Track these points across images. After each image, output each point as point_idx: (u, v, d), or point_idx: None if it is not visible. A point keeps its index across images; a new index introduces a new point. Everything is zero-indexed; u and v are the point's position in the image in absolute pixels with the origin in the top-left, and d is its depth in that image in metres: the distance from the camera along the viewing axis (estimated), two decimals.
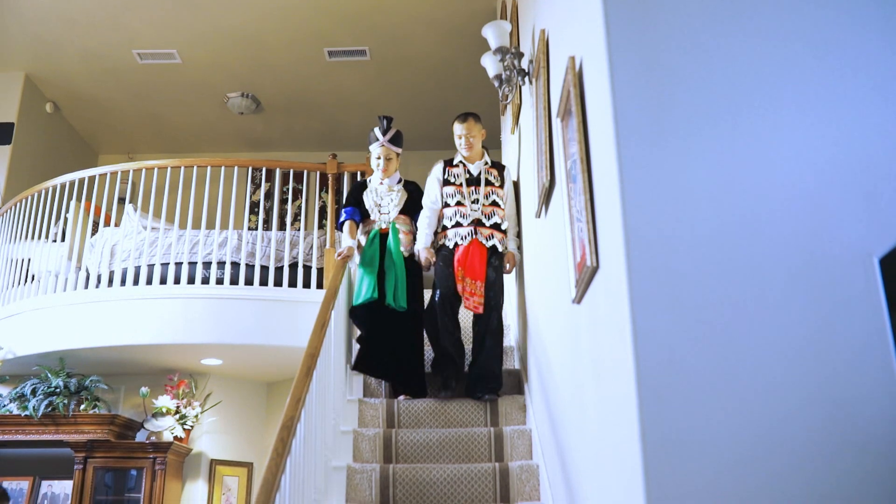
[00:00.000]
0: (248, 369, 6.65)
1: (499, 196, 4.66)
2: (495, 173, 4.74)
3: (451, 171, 4.77)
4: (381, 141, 4.96)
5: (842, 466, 1.73)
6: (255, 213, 8.76)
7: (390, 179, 5.00)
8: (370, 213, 4.89)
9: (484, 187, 4.66)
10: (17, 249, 6.59)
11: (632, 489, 1.83)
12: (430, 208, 4.74)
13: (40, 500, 6.27)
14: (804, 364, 1.80)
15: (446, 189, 4.71)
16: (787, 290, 1.85)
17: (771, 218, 1.90)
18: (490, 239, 4.56)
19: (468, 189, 4.66)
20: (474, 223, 4.57)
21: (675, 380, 1.78)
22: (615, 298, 1.99)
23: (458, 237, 4.58)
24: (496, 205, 4.64)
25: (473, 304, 4.44)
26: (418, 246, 4.69)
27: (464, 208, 4.61)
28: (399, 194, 4.94)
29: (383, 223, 4.84)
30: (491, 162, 4.82)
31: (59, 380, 6.10)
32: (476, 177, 4.70)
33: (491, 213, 4.60)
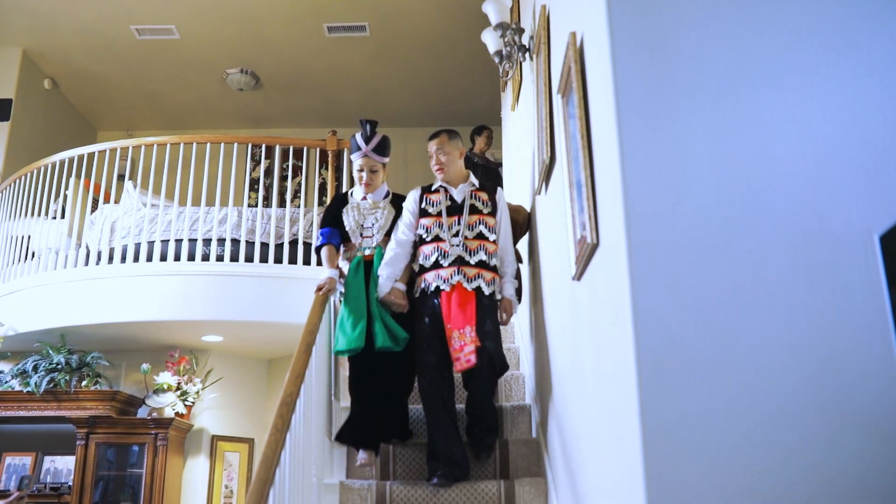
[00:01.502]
0: (248, 346, 6.67)
1: (487, 226, 3.78)
2: (484, 198, 3.86)
3: (430, 199, 3.91)
4: (363, 150, 4.05)
5: (841, 444, 1.74)
6: (254, 190, 8.75)
7: (375, 194, 4.11)
8: (351, 236, 4.05)
9: (468, 216, 3.79)
10: (17, 226, 6.59)
11: (631, 466, 1.84)
12: (398, 241, 3.87)
13: (43, 475, 6.31)
14: (803, 341, 1.80)
15: (423, 221, 3.85)
16: (787, 268, 1.85)
17: (771, 195, 1.90)
18: (474, 280, 3.69)
19: (448, 220, 3.80)
20: (458, 262, 3.71)
21: (674, 357, 1.79)
22: (615, 276, 1.99)
23: (440, 280, 3.72)
24: (483, 237, 3.76)
25: (465, 358, 3.55)
26: (378, 293, 3.80)
27: (444, 244, 3.75)
28: (385, 212, 4.05)
29: (367, 248, 4.00)
30: (479, 184, 3.95)
31: (61, 356, 6.13)
32: (460, 204, 3.83)
33: (476, 249, 3.73)
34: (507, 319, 3.83)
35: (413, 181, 9.54)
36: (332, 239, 4.05)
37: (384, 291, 3.79)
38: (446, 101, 8.93)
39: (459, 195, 3.87)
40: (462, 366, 3.54)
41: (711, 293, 1.83)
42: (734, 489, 1.71)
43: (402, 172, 9.39)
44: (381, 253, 3.93)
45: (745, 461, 1.73)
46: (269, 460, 2.71)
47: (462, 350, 3.55)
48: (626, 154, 1.94)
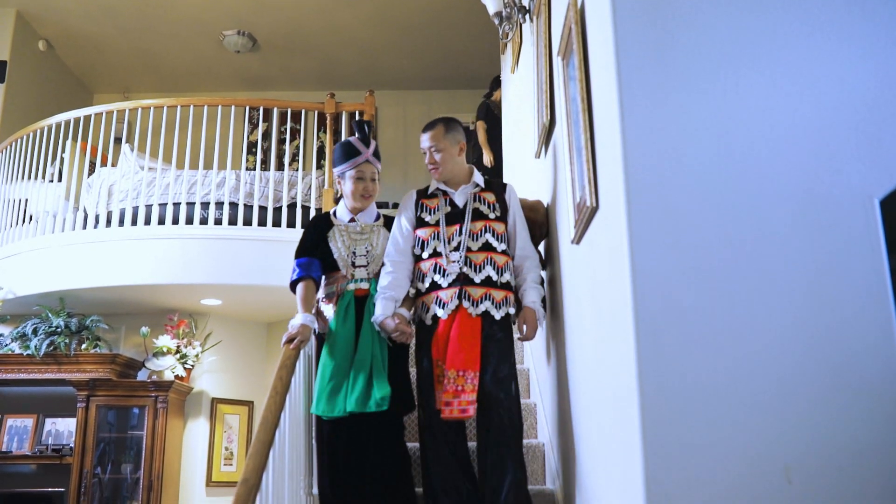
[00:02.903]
0: (247, 309, 6.69)
1: (495, 234, 3.11)
2: (490, 199, 3.20)
3: (427, 206, 3.25)
4: (365, 154, 3.34)
5: (839, 407, 1.75)
6: (252, 154, 8.70)
7: (366, 216, 3.39)
8: (340, 266, 3.27)
9: (471, 223, 3.13)
10: (14, 189, 6.57)
11: (629, 428, 1.85)
12: (393, 261, 3.19)
13: (44, 437, 6.36)
14: (802, 305, 1.80)
15: (419, 233, 3.20)
16: (787, 232, 1.84)
17: (772, 158, 1.89)
18: (481, 303, 3.01)
19: (448, 230, 3.14)
20: (460, 281, 3.04)
21: (673, 320, 1.79)
22: (614, 239, 1.98)
23: (438, 306, 3.05)
24: (490, 248, 3.08)
25: (458, 408, 2.85)
26: (374, 317, 3.10)
27: (442, 259, 3.09)
28: (380, 238, 3.33)
29: (361, 280, 3.25)
30: (485, 183, 3.27)
31: (60, 319, 6.14)
32: (462, 209, 3.18)
33: (483, 263, 3.05)
34: (531, 334, 3.06)
35: (412, 147, 9.52)
36: (311, 271, 3.27)
37: (383, 314, 3.07)
38: (445, 63, 8.84)
39: (461, 199, 3.21)
40: (452, 414, 2.84)
41: (711, 257, 1.83)
42: (732, 452, 1.72)
43: (402, 137, 9.34)
44: (374, 285, 3.22)
45: (741, 422, 1.74)
46: (269, 422, 2.73)
47: (458, 395, 2.85)
48: (627, 116, 1.92)
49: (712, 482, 1.70)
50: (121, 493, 6.13)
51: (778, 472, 1.71)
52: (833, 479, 1.71)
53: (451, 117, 3.35)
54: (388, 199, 8.76)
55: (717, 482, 1.70)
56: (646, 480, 1.71)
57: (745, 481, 1.70)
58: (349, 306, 3.19)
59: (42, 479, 6.31)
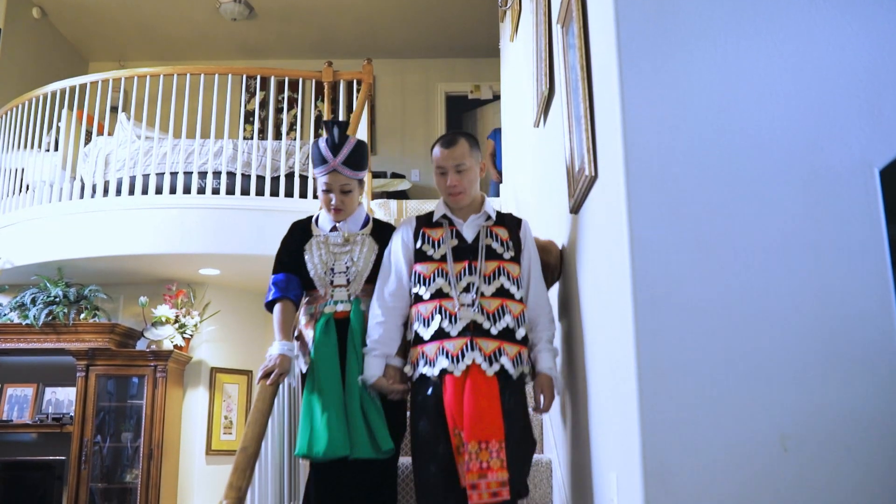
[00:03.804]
0: (245, 279, 6.69)
1: (510, 277, 2.64)
2: (503, 236, 2.71)
3: (429, 236, 2.75)
4: (331, 163, 2.85)
5: (837, 379, 1.75)
6: (250, 123, 8.66)
7: (350, 223, 2.94)
8: (317, 284, 2.87)
9: (484, 262, 2.65)
10: (11, 159, 6.54)
11: (626, 396, 1.86)
12: (385, 301, 2.72)
13: (45, 406, 6.40)
14: (800, 274, 1.80)
15: (420, 268, 2.70)
16: (786, 201, 1.84)
17: (772, 128, 1.88)
18: (497, 359, 2.54)
19: (456, 267, 2.66)
20: (470, 331, 2.55)
21: (671, 290, 1.79)
22: (613, 208, 1.98)
23: (445, 359, 2.54)
24: (505, 294, 2.62)
25: (487, 492, 2.38)
26: (364, 378, 2.67)
27: (450, 303, 2.60)
28: (365, 249, 2.89)
29: (339, 302, 2.83)
30: (497, 216, 2.78)
31: (59, 289, 6.15)
32: (471, 244, 2.70)
33: (498, 311, 2.59)
34: (549, 405, 2.64)
35: (410, 116, 9.49)
36: (288, 291, 2.88)
37: (374, 374, 2.66)
38: (444, 31, 8.77)
39: (470, 232, 2.72)
40: (482, 499, 2.36)
41: (710, 226, 1.83)
42: (729, 421, 1.73)
43: (400, 106, 9.29)
44: (359, 309, 2.79)
45: (739, 393, 1.74)
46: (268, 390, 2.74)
47: (485, 474, 2.38)
48: (626, 85, 1.91)
49: (709, 451, 1.71)
50: (121, 462, 6.18)
51: (774, 440, 1.72)
52: (829, 448, 1.72)
53: (468, 133, 2.88)
54: (385, 168, 8.74)
55: (714, 450, 1.71)
56: (643, 449, 1.72)
57: (741, 450, 1.71)
58: (328, 326, 2.78)
59: (42, 448, 6.37)
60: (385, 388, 2.67)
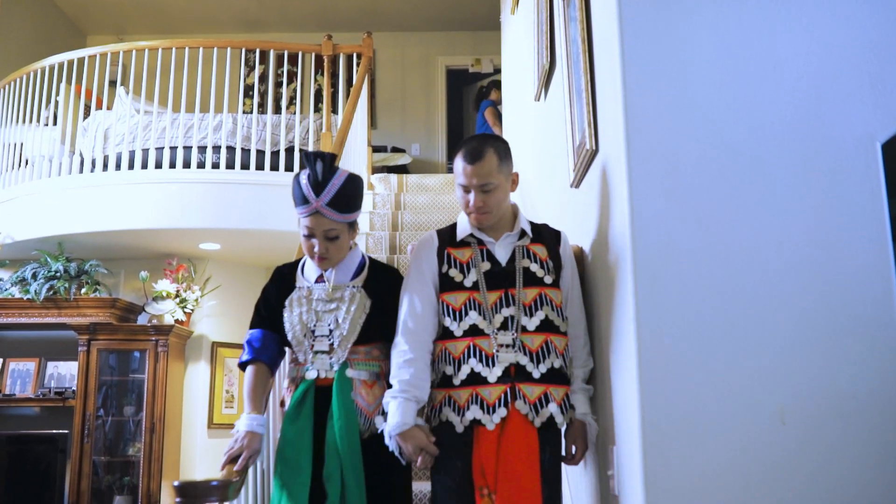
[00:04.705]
0: (246, 254, 6.69)
1: (553, 306, 2.26)
2: (542, 255, 2.31)
3: (455, 257, 2.32)
4: (313, 203, 2.35)
5: (834, 349, 1.76)
6: (249, 97, 8.62)
7: (338, 272, 2.45)
8: (295, 347, 2.43)
9: (523, 289, 2.25)
10: (9, 133, 6.51)
11: (625, 368, 1.87)
12: (413, 334, 2.28)
13: (47, 380, 6.42)
14: (801, 248, 1.80)
15: (448, 298, 2.28)
16: (788, 174, 1.83)
17: (774, 100, 1.87)
18: (544, 405, 2.18)
19: (491, 297, 2.25)
20: (511, 376, 2.17)
21: (671, 263, 1.79)
22: (614, 182, 1.97)
23: (478, 409, 2.17)
24: (551, 328, 2.23)
25: None
26: (391, 426, 2.20)
27: (486, 342, 2.20)
28: (354, 305, 2.39)
29: (320, 370, 2.37)
30: (532, 230, 2.36)
31: (59, 264, 6.15)
32: (506, 267, 2.29)
33: (544, 349, 2.21)
34: (580, 457, 2.25)
35: (410, 90, 9.43)
36: (262, 352, 2.46)
37: (406, 423, 2.19)
38: (445, 4, 8.71)
39: (504, 252, 2.30)
40: None
41: (710, 200, 1.82)
42: (727, 392, 1.74)
43: (400, 80, 9.24)
44: (344, 377, 2.33)
45: (738, 365, 1.75)
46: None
47: None
48: (628, 58, 1.90)
49: (708, 423, 1.72)
50: (124, 435, 6.22)
51: (772, 412, 1.73)
52: (826, 420, 1.72)
53: (498, 137, 2.40)
54: (385, 143, 8.71)
55: (713, 423, 1.72)
56: (642, 422, 1.73)
57: (740, 423, 1.72)
58: (308, 395, 2.34)
59: (45, 422, 6.40)
60: (422, 440, 2.19)
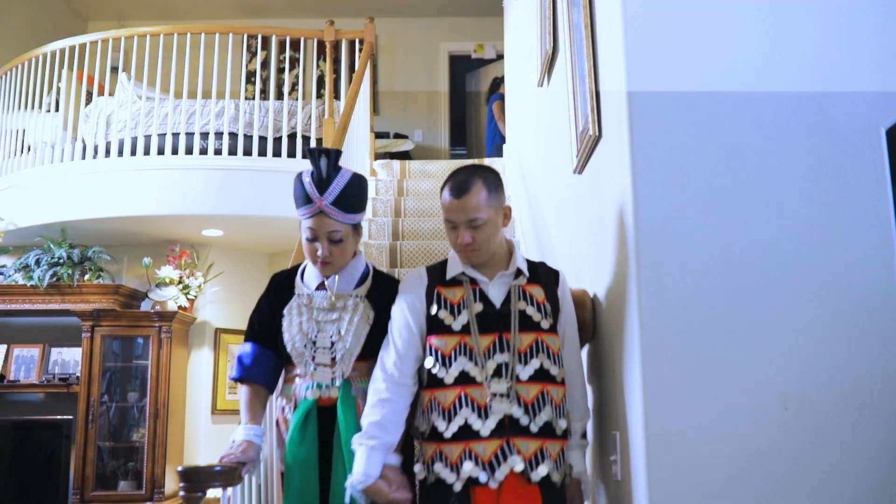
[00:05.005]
0: (249, 240, 6.69)
1: (550, 354, 2.10)
2: (539, 297, 2.16)
3: (445, 297, 2.15)
4: (317, 202, 2.22)
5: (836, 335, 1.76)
6: (251, 83, 8.59)
7: (341, 280, 2.30)
8: (295, 360, 2.28)
9: (519, 334, 2.09)
10: (11, 120, 6.51)
11: (629, 356, 1.87)
12: (391, 378, 2.12)
13: (51, 366, 6.44)
14: (805, 234, 1.80)
15: (436, 342, 2.12)
16: (791, 161, 1.83)
17: (777, 86, 1.86)
18: (540, 461, 2.03)
19: (483, 341, 2.09)
20: (507, 429, 2.03)
21: (674, 249, 1.79)
22: (617, 168, 1.97)
23: (473, 465, 2.01)
24: (547, 378, 2.08)
25: None
26: (353, 478, 2.04)
27: (478, 392, 2.05)
28: (357, 316, 2.25)
29: (323, 384, 2.23)
30: (529, 269, 2.21)
31: (62, 251, 6.16)
32: (500, 309, 2.13)
33: (540, 401, 2.06)
34: None
35: (413, 77, 9.38)
36: (254, 370, 2.33)
37: (370, 475, 2.04)
38: None
39: (498, 292, 2.15)
40: None
41: (713, 186, 1.82)
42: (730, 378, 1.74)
43: (402, 66, 9.20)
44: (349, 395, 2.20)
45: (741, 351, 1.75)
46: None
47: None
48: (631, 43, 1.89)
49: (710, 409, 1.72)
50: (128, 421, 6.24)
51: (774, 398, 1.73)
52: (828, 406, 1.73)
53: (488, 167, 2.22)
54: (388, 129, 8.69)
55: (715, 409, 1.72)
56: (645, 408, 1.73)
57: (742, 408, 1.72)
58: (307, 421, 2.19)
59: (50, 408, 6.42)
60: (384, 495, 2.05)
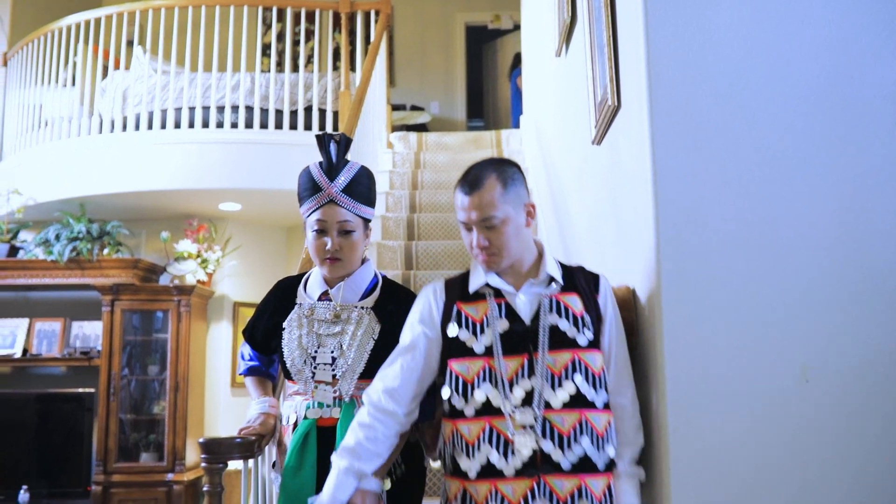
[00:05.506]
0: (266, 214, 6.71)
1: (589, 375, 1.82)
2: (577, 308, 1.88)
3: (466, 314, 1.89)
4: (325, 190, 2.15)
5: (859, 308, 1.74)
6: (267, 56, 8.57)
7: (347, 287, 2.18)
8: (294, 375, 2.16)
9: (550, 353, 1.81)
10: (29, 95, 6.53)
11: (649, 329, 1.86)
12: (378, 406, 1.88)
13: (72, 340, 6.51)
14: (825, 204, 1.77)
15: (456, 366, 1.85)
16: (813, 129, 1.80)
17: (799, 55, 1.83)
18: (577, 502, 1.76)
19: (510, 365, 1.82)
20: (536, 466, 1.75)
21: (694, 220, 1.77)
22: (636, 138, 1.94)
23: None
24: (585, 403, 1.80)
25: None
26: (328, 498, 1.83)
27: (502, 424, 1.78)
28: (361, 329, 2.12)
29: (324, 403, 2.11)
30: (563, 274, 1.94)
31: (81, 225, 6.20)
32: (529, 326, 1.85)
33: (575, 432, 1.78)
34: None
35: (430, 50, 9.32)
36: (256, 365, 2.36)
37: (337, 499, 1.83)
38: None
39: (527, 306, 1.87)
40: None
41: (734, 156, 1.79)
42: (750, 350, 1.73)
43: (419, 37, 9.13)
44: (349, 415, 2.04)
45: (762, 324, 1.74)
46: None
47: None
48: (651, 12, 1.86)
49: (731, 380, 1.71)
50: (148, 394, 6.31)
51: (795, 370, 1.72)
52: (850, 377, 1.71)
53: (506, 160, 1.95)
54: (404, 101, 8.65)
55: (736, 380, 1.71)
56: (665, 377, 1.72)
57: (763, 379, 1.71)
58: (306, 442, 2.06)
59: (72, 381, 6.51)
60: None
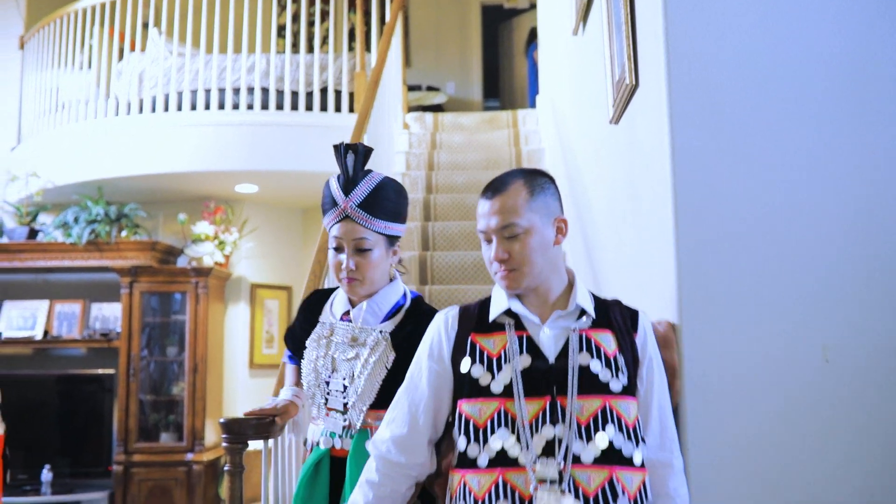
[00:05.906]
0: (283, 196, 6.72)
1: (621, 425, 1.56)
2: (609, 348, 1.63)
3: (482, 347, 1.64)
4: (341, 205, 1.99)
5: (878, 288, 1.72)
6: (282, 37, 8.55)
7: (369, 308, 2.03)
8: (308, 400, 2.09)
9: (579, 398, 1.56)
10: (46, 78, 6.55)
11: (667, 311, 1.85)
12: (387, 459, 1.68)
13: (92, 321, 6.57)
14: (845, 184, 1.75)
15: (467, 408, 1.61)
16: (833, 108, 1.78)
17: (819, 33, 1.80)
18: None
19: (531, 408, 1.56)
20: None
21: (712, 199, 1.76)
22: (654, 117, 1.93)
23: None
24: (618, 459, 1.54)
25: None
26: None
27: (520, 478, 1.52)
28: (374, 358, 1.96)
29: (334, 433, 1.99)
30: (596, 307, 1.70)
31: (100, 207, 6.23)
32: (554, 364, 1.59)
33: (606, 493, 1.51)
34: None
35: (446, 30, 9.26)
36: None
37: None
38: None
39: (552, 341, 1.64)
40: None
41: (753, 136, 1.78)
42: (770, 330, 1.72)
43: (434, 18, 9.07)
44: (362, 449, 1.87)
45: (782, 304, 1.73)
46: None
47: None
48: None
49: (750, 361, 1.70)
50: (168, 375, 6.37)
51: (816, 350, 1.70)
52: (870, 357, 1.70)
53: (539, 170, 1.75)
54: (420, 82, 8.61)
55: (755, 360, 1.70)
56: (684, 357, 1.72)
57: (783, 360, 1.70)
58: (317, 472, 1.98)
59: (92, 362, 6.58)
60: None
